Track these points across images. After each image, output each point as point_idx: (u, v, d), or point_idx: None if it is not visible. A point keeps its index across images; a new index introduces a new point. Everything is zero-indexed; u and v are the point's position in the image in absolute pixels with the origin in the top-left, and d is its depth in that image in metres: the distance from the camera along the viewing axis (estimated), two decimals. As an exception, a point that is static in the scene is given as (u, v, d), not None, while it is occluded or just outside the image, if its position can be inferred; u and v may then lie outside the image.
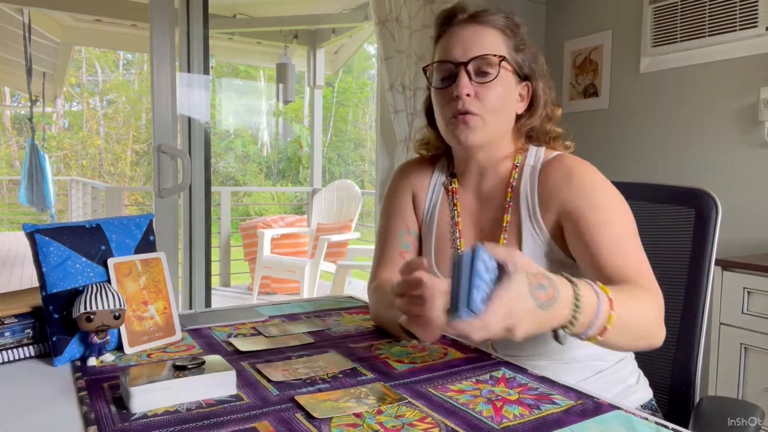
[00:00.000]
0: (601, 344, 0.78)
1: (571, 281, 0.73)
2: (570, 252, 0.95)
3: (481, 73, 0.96)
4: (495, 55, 0.96)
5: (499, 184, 1.03)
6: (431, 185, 1.11)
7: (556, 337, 0.74)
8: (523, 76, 1.01)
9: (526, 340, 0.70)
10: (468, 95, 0.95)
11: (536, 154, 1.02)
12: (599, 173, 0.97)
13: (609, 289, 0.76)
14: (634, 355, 1.08)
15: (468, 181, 1.07)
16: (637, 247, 0.91)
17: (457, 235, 1.05)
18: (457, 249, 1.04)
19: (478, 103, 0.95)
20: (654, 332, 0.83)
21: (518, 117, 1.03)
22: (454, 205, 1.07)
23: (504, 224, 0.99)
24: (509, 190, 1.01)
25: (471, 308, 0.64)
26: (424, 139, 1.16)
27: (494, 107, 0.97)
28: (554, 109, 1.06)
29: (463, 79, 0.95)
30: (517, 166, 1.02)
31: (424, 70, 1.03)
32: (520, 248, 0.96)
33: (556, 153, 1.02)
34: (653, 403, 1.03)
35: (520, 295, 0.66)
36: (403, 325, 0.81)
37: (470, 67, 0.96)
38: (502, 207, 1.01)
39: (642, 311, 0.81)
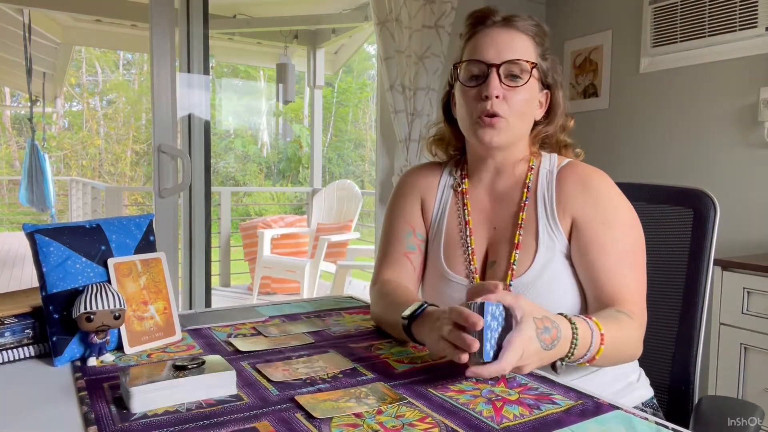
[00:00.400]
0: (595, 364, 0.87)
1: (570, 321, 0.81)
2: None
3: (511, 77, 0.98)
4: (527, 61, 0.98)
5: (514, 184, 1.05)
6: (440, 188, 1.12)
7: (554, 367, 0.82)
8: (545, 84, 1.04)
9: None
10: (497, 97, 0.96)
11: (551, 159, 1.05)
12: (614, 185, 1.00)
13: (601, 324, 0.84)
14: None
15: (481, 180, 1.08)
16: (637, 268, 0.96)
17: (468, 233, 1.05)
18: (468, 246, 1.04)
19: (505, 106, 0.97)
20: (631, 356, 0.93)
21: (535, 123, 1.06)
22: (464, 205, 1.08)
23: (519, 221, 1.01)
24: (525, 190, 1.03)
25: (485, 359, 0.74)
26: (438, 134, 1.16)
27: (520, 111, 0.99)
28: (567, 119, 1.09)
29: (495, 80, 0.97)
30: (532, 168, 1.05)
31: (455, 66, 1.04)
32: (536, 244, 0.98)
33: (569, 159, 1.05)
34: (654, 401, 1.04)
35: (529, 339, 0.75)
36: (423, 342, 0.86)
37: (501, 69, 0.97)
38: (518, 205, 1.03)
39: (626, 343, 0.89)
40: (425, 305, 0.89)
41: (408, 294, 1.00)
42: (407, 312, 0.89)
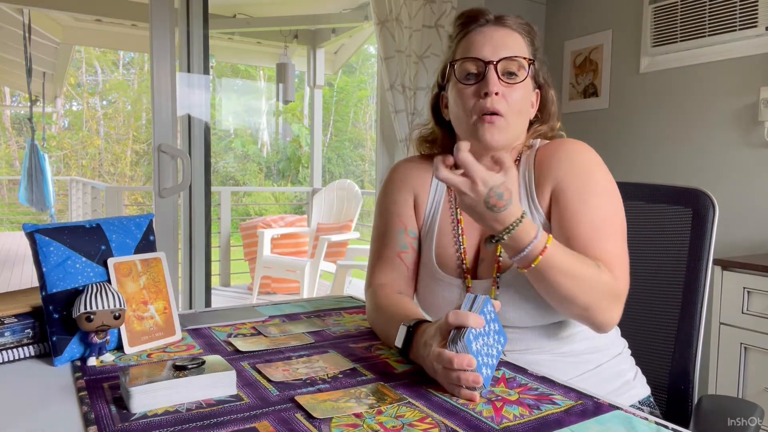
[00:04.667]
0: (534, 283, 0.88)
1: (523, 214, 0.84)
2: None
3: (508, 74, 0.98)
4: (525, 58, 0.98)
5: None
6: (433, 184, 1.10)
7: (488, 243, 0.86)
8: (537, 84, 1.04)
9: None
10: (496, 94, 0.96)
11: (534, 145, 1.05)
12: (593, 154, 0.99)
13: (554, 243, 0.85)
14: (630, 351, 1.08)
15: None
16: (614, 235, 0.93)
17: (460, 232, 1.04)
18: (460, 244, 1.04)
19: (504, 103, 0.96)
20: (591, 303, 0.87)
21: (530, 123, 1.05)
22: (456, 202, 1.07)
23: None
24: None
25: (485, 385, 0.74)
26: (429, 136, 1.14)
27: (518, 109, 0.98)
28: (556, 121, 1.09)
29: (493, 77, 0.96)
30: (518, 160, 1.04)
31: (451, 64, 1.02)
32: None
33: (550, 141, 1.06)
34: (651, 399, 1.04)
35: (484, 179, 0.80)
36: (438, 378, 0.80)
37: (499, 66, 0.97)
38: None
39: (580, 277, 0.86)
40: (412, 328, 0.85)
41: (402, 304, 0.97)
42: (398, 343, 0.85)
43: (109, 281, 0.90)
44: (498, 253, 0.98)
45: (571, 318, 0.94)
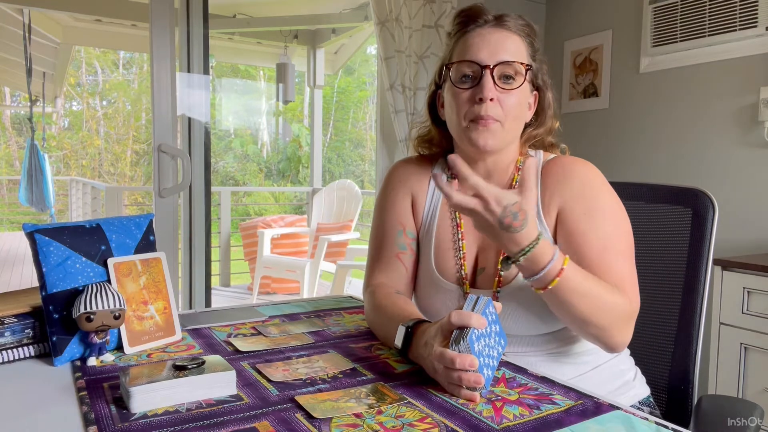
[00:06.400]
0: (550, 303, 0.88)
1: (539, 235, 0.83)
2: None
3: (504, 79, 0.96)
4: (522, 63, 0.97)
5: (503, 187, 1.03)
6: (431, 186, 1.10)
7: (505, 265, 0.86)
8: (534, 86, 1.03)
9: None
10: (491, 99, 0.94)
11: (537, 158, 1.04)
12: (600, 174, 0.99)
13: (570, 264, 0.84)
14: (629, 351, 1.08)
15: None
16: (623, 254, 0.93)
17: (459, 236, 1.04)
18: (459, 250, 1.03)
19: (498, 108, 0.95)
20: (606, 325, 0.88)
21: (525, 125, 1.04)
22: None
23: None
24: None
25: (486, 386, 0.74)
26: (426, 135, 1.13)
27: (514, 114, 0.97)
28: (554, 121, 1.08)
29: (489, 82, 0.94)
30: (519, 168, 1.03)
31: (447, 66, 1.01)
32: None
33: (555, 155, 1.04)
34: (651, 399, 1.04)
35: (498, 198, 0.79)
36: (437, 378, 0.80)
37: (495, 71, 0.95)
38: None
39: (597, 299, 0.86)
40: (411, 328, 0.85)
41: (401, 304, 0.97)
42: (398, 343, 0.85)
43: (109, 281, 0.90)
44: (499, 266, 0.97)
45: (582, 337, 0.94)
